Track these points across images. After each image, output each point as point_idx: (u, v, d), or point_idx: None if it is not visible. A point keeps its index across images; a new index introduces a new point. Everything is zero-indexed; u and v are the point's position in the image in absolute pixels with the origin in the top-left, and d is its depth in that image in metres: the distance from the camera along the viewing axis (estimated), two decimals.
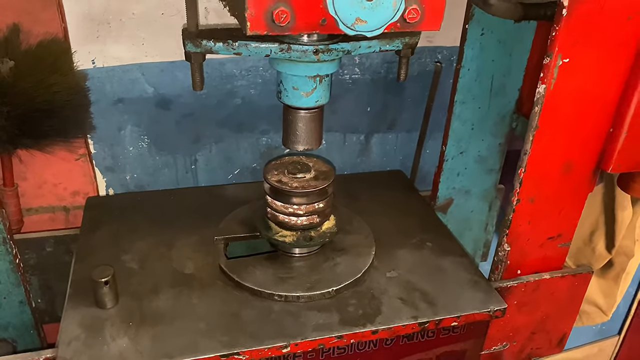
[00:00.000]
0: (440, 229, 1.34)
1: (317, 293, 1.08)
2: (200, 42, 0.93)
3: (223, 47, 0.93)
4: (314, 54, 0.92)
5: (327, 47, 0.92)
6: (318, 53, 0.92)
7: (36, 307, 1.32)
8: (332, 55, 0.94)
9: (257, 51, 0.93)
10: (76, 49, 1.35)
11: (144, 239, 1.24)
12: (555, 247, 1.23)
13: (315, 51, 0.92)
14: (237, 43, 0.92)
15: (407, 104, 1.67)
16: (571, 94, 1.01)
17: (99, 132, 1.48)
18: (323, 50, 0.92)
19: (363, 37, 0.82)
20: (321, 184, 1.12)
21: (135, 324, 1.01)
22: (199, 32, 0.95)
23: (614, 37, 0.97)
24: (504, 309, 1.11)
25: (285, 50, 0.92)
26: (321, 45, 0.92)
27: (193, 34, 0.94)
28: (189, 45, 0.94)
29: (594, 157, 1.11)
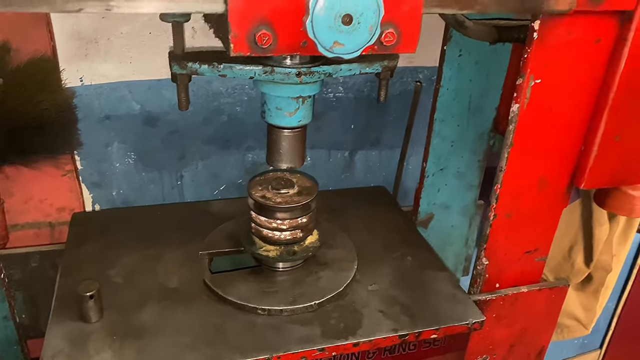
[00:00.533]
0: (421, 243, 1.37)
1: (300, 307, 1.10)
2: (186, 64, 0.97)
3: (208, 69, 0.97)
4: (296, 76, 0.96)
5: (309, 69, 0.96)
6: (300, 75, 0.96)
7: (20, 322, 1.33)
8: (314, 78, 0.98)
9: (241, 73, 0.97)
10: (64, 66, 1.37)
11: (130, 254, 1.25)
12: (532, 261, 1.26)
13: (298, 73, 0.96)
14: (222, 65, 0.96)
15: (390, 121, 1.72)
16: (544, 113, 1.05)
17: (86, 149, 1.49)
18: (305, 72, 0.96)
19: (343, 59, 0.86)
20: (304, 199, 1.15)
21: (119, 338, 1.02)
22: (185, 55, 0.98)
23: (583, 59, 1.02)
24: (482, 321, 1.14)
25: (269, 72, 0.96)
26: (303, 67, 0.96)
27: (179, 56, 0.98)
28: (175, 67, 0.97)
29: (568, 174, 1.15)
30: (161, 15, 0.94)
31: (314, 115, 1.64)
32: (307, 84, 1.00)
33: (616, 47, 1.01)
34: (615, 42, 1.01)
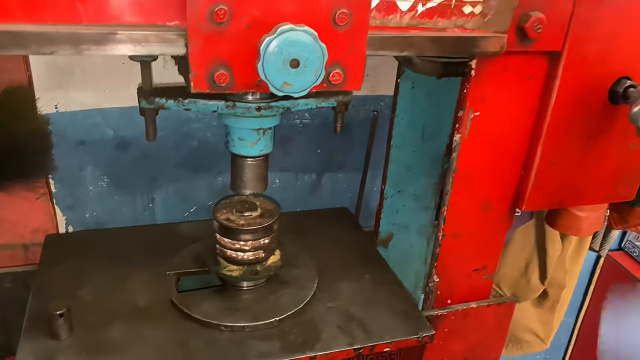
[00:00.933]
0: (379, 262, 1.45)
1: (261, 323, 1.17)
2: (153, 99, 1.05)
3: (174, 104, 1.05)
4: (256, 110, 1.04)
5: (269, 104, 1.05)
6: (260, 110, 1.05)
7: None
8: (274, 112, 1.07)
9: (205, 107, 1.05)
10: (40, 95, 1.44)
11: (100, 274, 1.31)
12: (481, 278, 1.35)
13: (258, 108, 1.04)
14: (187, 100, 1.04)
15: (355, 146, 1.81)
16: (483, 142, 1.15)
17: (60, 173, 1.55)
18: (265, 107, 1.05)
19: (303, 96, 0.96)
20: (266, 221, 1.22)
21: (88, 355, 1.08)
22: (153, 90, 1.06)
23: (518, 94, 1.12)
24: (431, 335, 1.22)
25: (231, 107, 1.04)
26: (263, 102, 1.04)
27: (147, 92, 1.06)
28: (143, 102, 1.05)
29: (510, 197, 1.25)
30: (131, 56, 1.02)
31: (283, 140, 1.73)
32: (267, 117, 1.08)
33: (547, 83, 1.12)
34: (547, 78, 1.12)
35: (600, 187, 1.27)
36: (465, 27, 0.99)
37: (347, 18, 0.85)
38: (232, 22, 0.81)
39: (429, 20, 0.97)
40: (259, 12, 0.81)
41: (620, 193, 1.31)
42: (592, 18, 1.06)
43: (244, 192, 1.21)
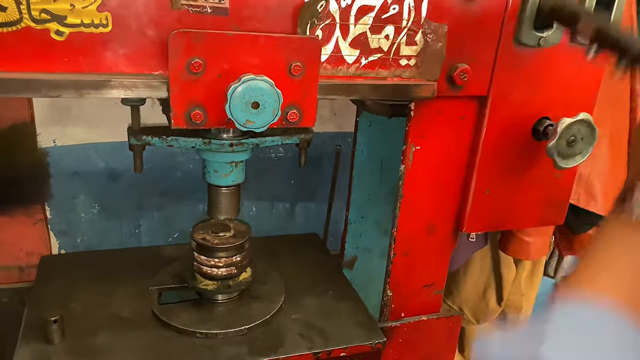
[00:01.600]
0: (342, 281, 1.62)
1: (232, 330, 1.32)
2: (141, 137, 1.23)
3: (159, 141, 1.23)
4: (229, 146, 1.23)
5: (240, 141, 1.24)
6: (232, 145, 1.24)
7: None
8: (244, 147, 1.26)
9: (185, 144, 1.24)
10: (40, 131, 1.62)
11: (89, 290, 1.46)
12: (430, 294, 1.51)
13: (231, 144, 1.23)
14: (170, 138, 1.23)
15: (325, 177, 1.99)
16: (425, 172, 1.33)
17: (56, 200, 1.72)
18: (237, 143, 1.24)
19: (268, 131, 1.16)
20: (238, 240, 1.39)
21: (77, 356, 1.22)
22: (141, 129, 1.25)
23: (452, 131, 1.31)
24: (383, 342, 1.38)
25: (207, 143, 1.23)
26: (235, 139, 1.24)
27: (136, 130, 1.24)
28: (132, 139, 1.24)
29: (452, 220, 1.43)
30: (122, 99, 1.21)
31: (260, 172, 1.92)
32: (238, 152, 1.27)
33: (478, 121, 1.31)
34: (477, 118, 1.31)
35: (531, 212, 1.46)
36: (402, 76, 1.20)
37: (301, 69, 1.05)
38: (206, 73, 1.00)
39: (372, 70, 1.17)
40: (228, 65, 1.01)
41: (550, 218, 1.49)
42: (513, 67, 1.26)
43: (218, 218, 1.39)
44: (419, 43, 1.17)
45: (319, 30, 1.07)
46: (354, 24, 1.10)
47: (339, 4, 1.07)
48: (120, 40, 0.98)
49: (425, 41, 1.17)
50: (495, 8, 1.18)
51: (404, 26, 1.14)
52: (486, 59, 1.24)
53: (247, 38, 1.00)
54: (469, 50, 1.21)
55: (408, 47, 1.16)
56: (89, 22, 0.95)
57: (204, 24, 1.00)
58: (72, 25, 0.94)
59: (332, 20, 1.08)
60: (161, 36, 0.99)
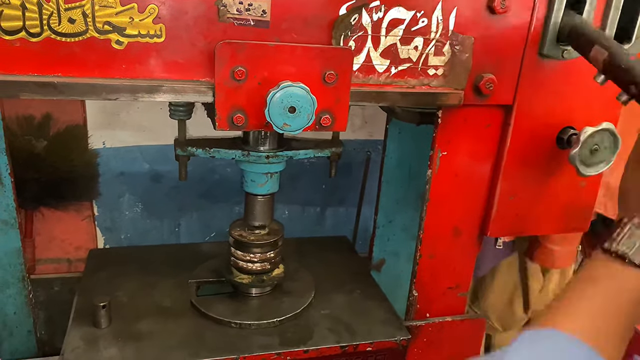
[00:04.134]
0: (370, 281, 1.68)
1: (264, 322, 1.41)
2: (186, 148, 1.34)
3: (202, 152, 1.35)
4: (265, 158, 1.33)
5: (275, 153, 1.34)
6: (269, 157, 1.34)
7: (40, 337, 1.61)
8: (279, 159, 1.36)
9: (226, 155, 1.34)
10: (92, 133, 1.75)
11: (133, 281, 1.57)
12: (455, 296, 1.57)
13: (267, 156, 1.34)
14: (212, 149, 1.34)
15: (354, 183, 2.07)
16: (451, 177, 1.39)
17: (103, 198, 1.84)
18: (272, 155, 1.34)
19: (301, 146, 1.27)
20: (272, 238, 1.48)
21: (122, 340, 1.32)
22: (186, 141, 1.36)
23: (478, 138, 1.37)
24: (408, 339, 1.43)
25: (246, 155, 1.34)
26: (271, 152, 1.34)
27: (182, 142, 1.35)
28: (179, 150, 1.35)
29: (477, 225, 1.48)
30: (170, 114, 1.33)
31: (293, 177, 2.01)
32: (273, 163, 1.38)
33: (503, 130, 1.37)
34: (502, 126, 1.37)
35: (555, 219, 1.50)
36: (430, 85, 1.27)
37: (334, 77, 1.14)
38: (248, 80, 1.10)
39: (401, 79, 1.24)
40: (268, 72, 1.10)
41: (573, 225, 1.53)
42: (537, 78, 1.31)
43: (254, 224, 1.48)
44: (446, 54, 1.24)
45: (351, 41, 1.16)
46: (385, 36, 1.18)
47: (371, 17, 1.15)
48: (172, 49, 1.09)
49: (453, 52, 1.24)
50: (520, 22, 1.25)
51: (432, 38, 1.22)
52: (511, 69, 1.29)
53: (286, 48, 1.09)
54: (494, 61, 1.27)
55: (436, 57, 1.24)
56: (145, 33, 1.06)
57: (247, 35, 1.09)
58: (131, 36, 1.05)
59: (365, 32, 1.16)
60: (209, 46, 1.09)
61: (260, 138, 1.37)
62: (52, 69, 1.04)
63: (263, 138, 1.37)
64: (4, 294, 1.47)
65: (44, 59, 1.03)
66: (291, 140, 1.46)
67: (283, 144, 1.41)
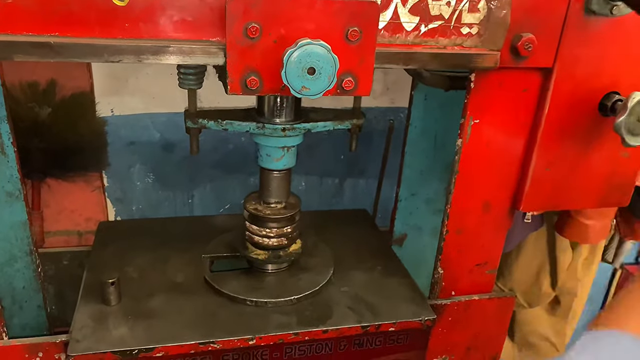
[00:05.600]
0: (391, 257, 1.60)
1: (281, 300, 1.33)
2: (197, 120, 1.25)
3: (214, 124, 1.25)
4: (282, 131, 1.23)
5: (292, 126, 1.24)
6: (285, 130, 1.24)
7: (50, 312, 1.57)
8: (296, 132, 1.26)
9: (239, 128, 1.25)
10: (99, 100, 1.66)
11: (144, 256, 1.50)
12: (483, 273, 1.48)
13: (283, 129, 1.23)
14: (225, 121, 1.24)
15: (374, 154, 1.97)
16: (483, 147, 1.29)
17: (113, 169, 1.77)
18: (289, 128, 1.24)
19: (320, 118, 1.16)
20: (289, 212, 1.39)
21: (133, 318, 1.26)
22: (197, 113, 1.27)
23: (513, 104, 1.26)
24: (433, 319, 1.36)
25: (261, 127, 1.24)
26: (287, 124, 1.23)
27: (192, 114, 1.26)
28: (189, 122, 1.26)
29: (508, 198, 1.38)
30: (180, 83, 1.23)
31: (310, 147, 1.91)
32: (290, 137, 1.28)
33: (541, 95, 1.25)
34: (540, 91, 1.25)
35: (594, 192, 1.39)
36: (463, 45, 1.15)
37: (358, 35, 1.02)
38: (262, 38, 0.99)
39: (431, 39, 1.13)
40: (284, 29, 0.99)
41: (613, 199, 1.42)
42: (582, 37, 1.19)
43: (269, 201, 1.39)
44: (482, 10, 1.12)
45: None
46: None
47: None
48: (179, 6, 0.98)
49: (489, 8, 1.12)
50: None
51: None
52: (553, 28, 1.17)
53: (304, 2, 0.98)
54: (534, 19, 1.15)
55: (470, 14, 1.12)
56: None
57: None
58: None
59: None
60: (219, 1, 0.98)
61: (276, 109, 1.27)
62: (49, 28, 0.95)
63: (279, 109, 1.27)
64: (12, 268, 1.42)
65: (39, 17, 0.94)
66: (309, 112, 1.36)
67: (300, 115, 1.31)
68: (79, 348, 1.15)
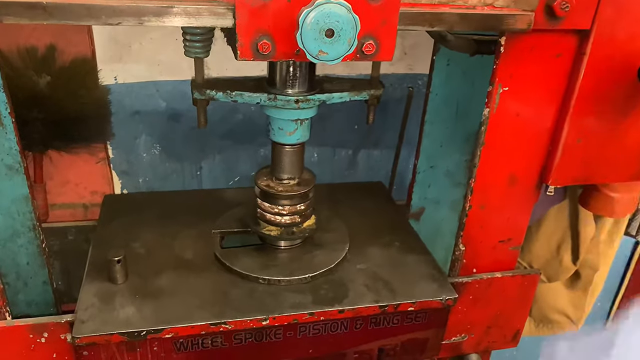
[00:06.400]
0: (409, 232, 1.53)
1: (295, 278, 1.27)
2: (205, 91, 1.16)
3: (223, 96, 1.18)
4: (295, 102, 1.15)
5: (306, 97, 1.16)
6: (298, 102, 1.15)
7: (57, 288, 1.52)
8: (310, 104, 1.18)
9: (249, 99, 1.17)
10: (102, 67, 1.58)
11: (151, 231, 1.44)
12: (506, 250, 1.41)
13: (296, 101, 1.15)
14: (234, 92, 1.16)
15: (390, 123, 1.88)
16: (511, 117, 1.20)
17: (117, 139, 1.69)
18: (302, 100, 1.16)
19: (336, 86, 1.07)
20: (302, 189, 1.32)
21: (140, 297, 1.21)
22: (204, 83, 1.18)
23: (546, 70, 1.16)
24: (454, 298, 1.29)
25: (272, 99, 1.16)
26: (301, 96, 1.15)
27: (200, 84, 1.17)
28: (196, 93, 1.18)
29: (537, 172, 1.30)
30: (185, 51, 1.14)
31: (322, 116, 1.82)
32: (304, 109, 1.19)
33: (576, 60, 1.16)
34: (575, 56, 1.16)
35: (627, 165, 1.30)
36: (494, 5, 1.05)
37: None
38: None
39: None
40: None
41: None
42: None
43: (282, 177, 1.32)
44: None
45: None
46: None
47: None
48: None
49: None
50: None
51: None
52: None
53: None
54: None
55: None
56: None
57: None
58: None
59: None
60: None
61: (289, 78, 1.18)
62: None
63: (292, 78, 1.18)
64: (15, 243, 1.36)
65: None
66: (323, 81, 1.27)
67: (314, 86, 1.22)
68: (85, 330, 1.10)
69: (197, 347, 1.20)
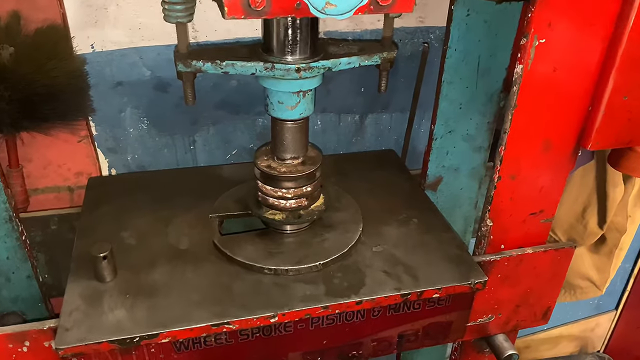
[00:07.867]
0: (427, 205, 1.38)
1: (305, 267, 1.14)
2: (190, 62, 1.00)
3: (211, 67, 1.03)
4: (296, 72, 0.99)
5: (308, 65, 1.00)
6: (300, 71, 0.99)
7: (43, 281, 1.39)
8: (314, 73, 1.02)
9: (243, 70, 1.01)
10: (75, 34, 1.40)
11: (142, 217, 1.30)
12: (537, 223, 1.26)
13: (297, 69, 0.99)
14: (225, 62, 1.00)
15: (400, 84, 1.70)
16: (548, 74, 1.03)
17: (100, 115, 1.53)
18: (304, 68, 1.00)
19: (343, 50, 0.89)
20: (308, 168, 1.17)
21: (132, 296, 1.07)
22: (190, 53, 1.01)
23: (590, 17, 0.99)
24: (484, 281, 1.16)
25: (270, 68, 1.00)
26: (302, 63, 0.98)
27: (184, 55, 1.01)
28: (180, 65, 1.02)
29: (574, 135, 1.14)
30: (165, 17, 0.97)
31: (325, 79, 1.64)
32: (306, 78, 1.04)
33: (625, 5, 0.99)
34: None
35: None
36: None
37: None
38: None
39: None
40: None
41: None
42: None
43: (284, 157, 1.16)
44: None
45: None
46: None
47: None
48: None
49: None
50: None
51: None
52: None
53: None
54: None
55: None
56: None
57: None
58: None
59: None
60: None
61: (288, 42, 1.01)
62: None
63: (291, 42, 1.01)
64: None
65: None
66: (327, 44, 1.10)
67: (318, 50, 1.05)
68: (69, 339, 0.97)
69: (198, 346, 1.08)
